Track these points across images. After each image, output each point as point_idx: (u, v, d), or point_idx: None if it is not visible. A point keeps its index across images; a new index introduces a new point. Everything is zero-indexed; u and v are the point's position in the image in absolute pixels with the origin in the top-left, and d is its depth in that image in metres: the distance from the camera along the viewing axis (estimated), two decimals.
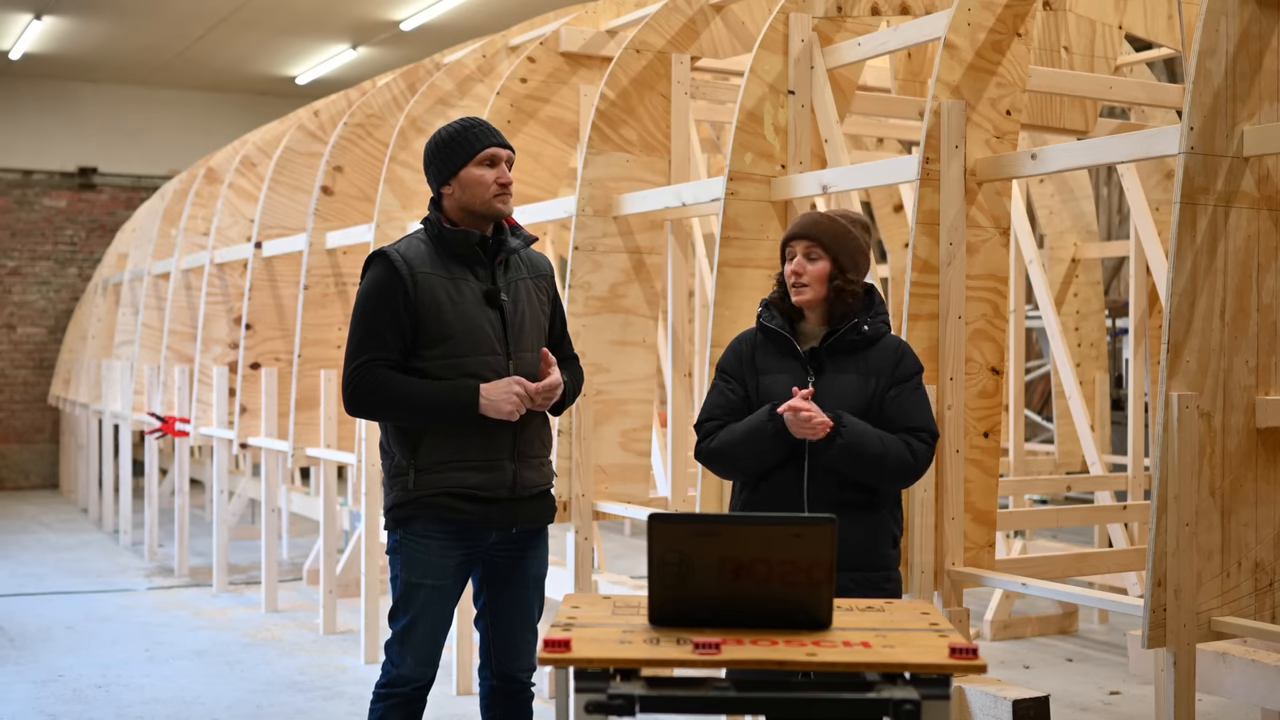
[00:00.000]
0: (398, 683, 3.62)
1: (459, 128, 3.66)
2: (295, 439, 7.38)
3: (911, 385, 3.47)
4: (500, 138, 3.67)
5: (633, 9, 6.55)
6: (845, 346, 3.47)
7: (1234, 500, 3.66)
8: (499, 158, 3.63)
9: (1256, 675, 4.00)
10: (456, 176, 3.62)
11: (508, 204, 3.65)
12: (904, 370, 3.48)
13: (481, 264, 3.64)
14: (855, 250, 3.50)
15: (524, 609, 3.71)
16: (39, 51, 14.71)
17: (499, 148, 3.64)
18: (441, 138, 3.65)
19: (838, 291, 3.46)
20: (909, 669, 2.55)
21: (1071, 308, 8.08)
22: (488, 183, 3.60)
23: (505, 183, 3.62)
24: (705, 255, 6.42)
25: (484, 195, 3.61)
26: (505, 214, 3.65)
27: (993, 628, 7.01)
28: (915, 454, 3.41)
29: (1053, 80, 5.16)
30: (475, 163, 3.61)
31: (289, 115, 10.48)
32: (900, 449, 3.40)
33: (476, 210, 3.62)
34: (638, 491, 5.62)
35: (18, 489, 15.77)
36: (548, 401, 3.61)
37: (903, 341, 3.55)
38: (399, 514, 3.60)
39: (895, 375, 3.46)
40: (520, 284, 3.69)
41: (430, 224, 3.65)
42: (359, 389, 3.53)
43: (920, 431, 3.44)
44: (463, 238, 3.60)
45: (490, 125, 3.69)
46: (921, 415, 3.46)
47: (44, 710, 5.81)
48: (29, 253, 16.12)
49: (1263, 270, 3.71)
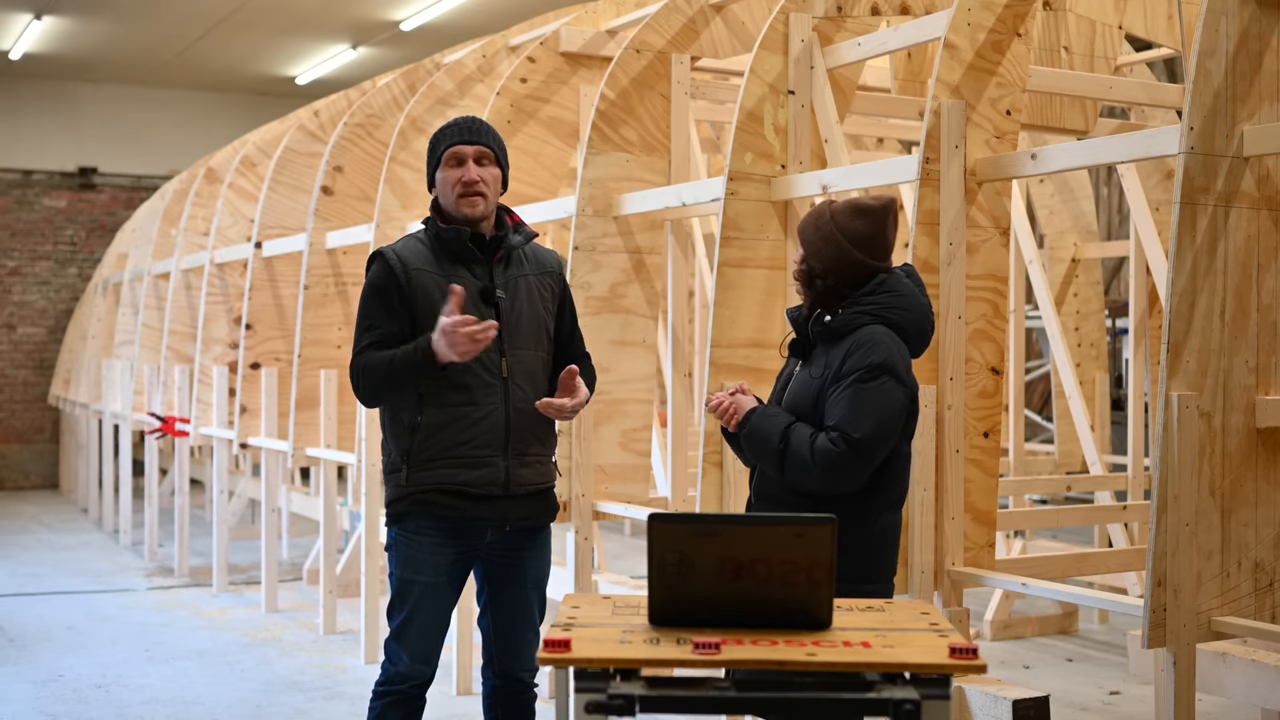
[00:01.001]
0: (395, 680, 3.63)
1: (439, 129, 3.69)
2: (295, 439, 7.38)
3: (846, 382, 3.31)
4: (468, 136, 3.61)
5: (633, 9, 6.55)
6: (820, 339, 3.45)
7: (1234, 500, 3.66)
8: (463, 156, 3.59)
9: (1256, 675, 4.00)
10: (434, 179, 3.67)
11: (475, 206, 3.59)
12: (849, 366, 3.32)
13: (478, 261, 3.63)
14: (816, 237, 3.44)
15: (523, 610, 3.70)
16: (39, 51, 14.71)
17: (464, 145, 3.59)
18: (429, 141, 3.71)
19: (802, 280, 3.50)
20: (909, 669, 2.55)
21: (1071, 308, 8.08)
22: (451, 183, 3.60)
23: (468, 181, 3.57)
24: (705, 255, 6.42)
25: (450, 197, 3.61)
26: (472, 217, 3.60)
27: (993, 628, 7.01)
28: (815, 453, 3.28)
29: (1053, 80, 5.16)
30: (443, 165, 3.62)
31: (289, 115, 10.48)
32: (802, 448, 3.30)
33: (450, 211, 3.63)
34: (638, 491, 5.62)
35: (18, 489, 15.77)
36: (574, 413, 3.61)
37: (872, 335, 3.36)
38: (393, 510, 3.63)
39: (840, 370, 3.34)
40: (520, 281, 3.67)
41: (429, 222, 3.67)
42: (355, 376, 3.59)
43: (834, 431, 3.29)
44: (455, 235, 3.60)
45: (467, 124, 3.64)
46: (840, 414, 3.29)
47: (44, 710, 5.81)
48: (29, 253, 16.12)
49: (1263, 270, 3.71)
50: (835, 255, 3.42)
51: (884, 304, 3.41)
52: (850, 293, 3.44)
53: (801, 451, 3.30)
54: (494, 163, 3.65)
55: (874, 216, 3.44)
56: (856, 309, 3.40)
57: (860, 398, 3.29)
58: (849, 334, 3.39)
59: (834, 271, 3.43)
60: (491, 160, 3.64)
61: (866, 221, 3.43)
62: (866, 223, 3.43)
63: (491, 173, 3.63)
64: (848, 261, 3.42)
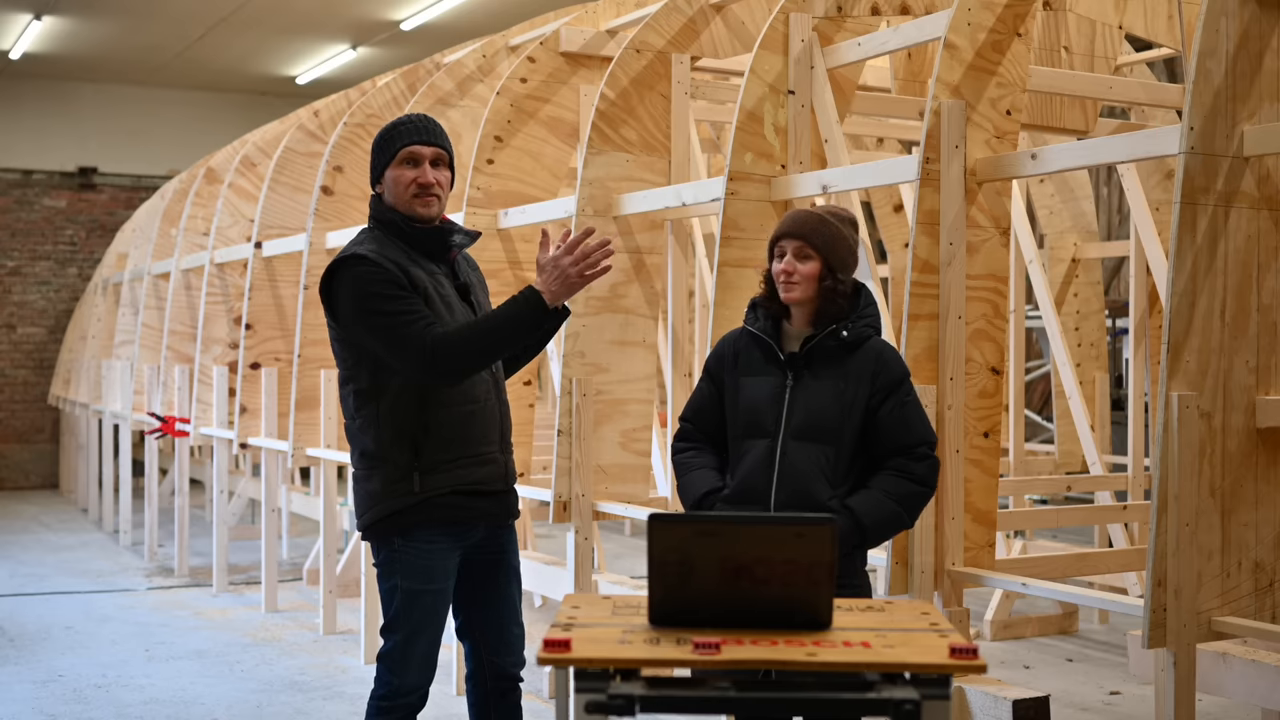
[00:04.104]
0: (400, 692, 3.51)
1: (389, 126, 3.58)
2: (295, 439, 7.38)
3: (902, 394, 3.39)
4: (426, 136, 3.54)
5: (633, 9, 6.55)
6: (824, 352, 3.41)
7: (1234, 500, 3.65)
8: (420, 156, 3.53)
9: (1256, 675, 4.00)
10: (382, 177, 3.57)
11: (430, 207, 3.53)
12: (888, 379, 3.38)
13: (445, 260, 3.60)
14: (846, 251, 3.44)
15: (511, 604, 3.68)
16: (39, 51, 14.72)
17: (421, 145, 3.53)
18: (376, 137, 3.60)
19: (828, 292, 3.41)
20: (909, 669, 2.55)
21: (1071, 308, 8.08)
22: (405, 183, 3.52)
23: (425, 183, 3.51)
24: (705, 255, 6.42)
25: (403, 196, 3.52)
26: (426, 217, 3.53)
27: (993, 628, 7.01)
28: (917, 478, 3.36)
29: (1053, 80, 5.16)
30: (395, 163, 3.54)
31: (289, 115, 10.47)
32: (907, 488, 3.35)
33: (400, 211, 3.53)
34: (638, 491, 5.62)
35: (18, 489, 15.77)
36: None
37: (887, 346, 3.45)
38: (401, 522, 3.48)
39: (878, 384, 3.37)
40: (475, 276, 3.69)
41: (391, 223, 3.54)
42: (441, 351, 3.37)
43: (918, 447, 3.38)
44: (434, 234, 3.54)
45: (423, 124, 3.57)
46: (918, 429, 3.39)
47: (44, 710, 5.81)
48: (29, 253, 16.12)
49: (1263, 270, 3.71)
50: (854, 268, 3.48)
51: (875, 315, 3.49)
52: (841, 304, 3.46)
53: (909, 491, 3.37)
54: (446, 165, 3.59)
55: (856, 228, 3.53)
56: (863, 322, 3.44)
57: (916, 409, 3.43)
58: (858, 345, 3.41)
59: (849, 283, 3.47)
60: (445, 163, 3.59)
61: (855, 233, 3.51)
62: (855, 234, 3.51)
63: (445, 175, 3.58)
64: (853, 271, 3.48)
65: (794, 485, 3.34)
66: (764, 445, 3.38)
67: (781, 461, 3.36)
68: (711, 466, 3.50)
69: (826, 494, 3.34)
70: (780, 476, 3.36)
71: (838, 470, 3.37)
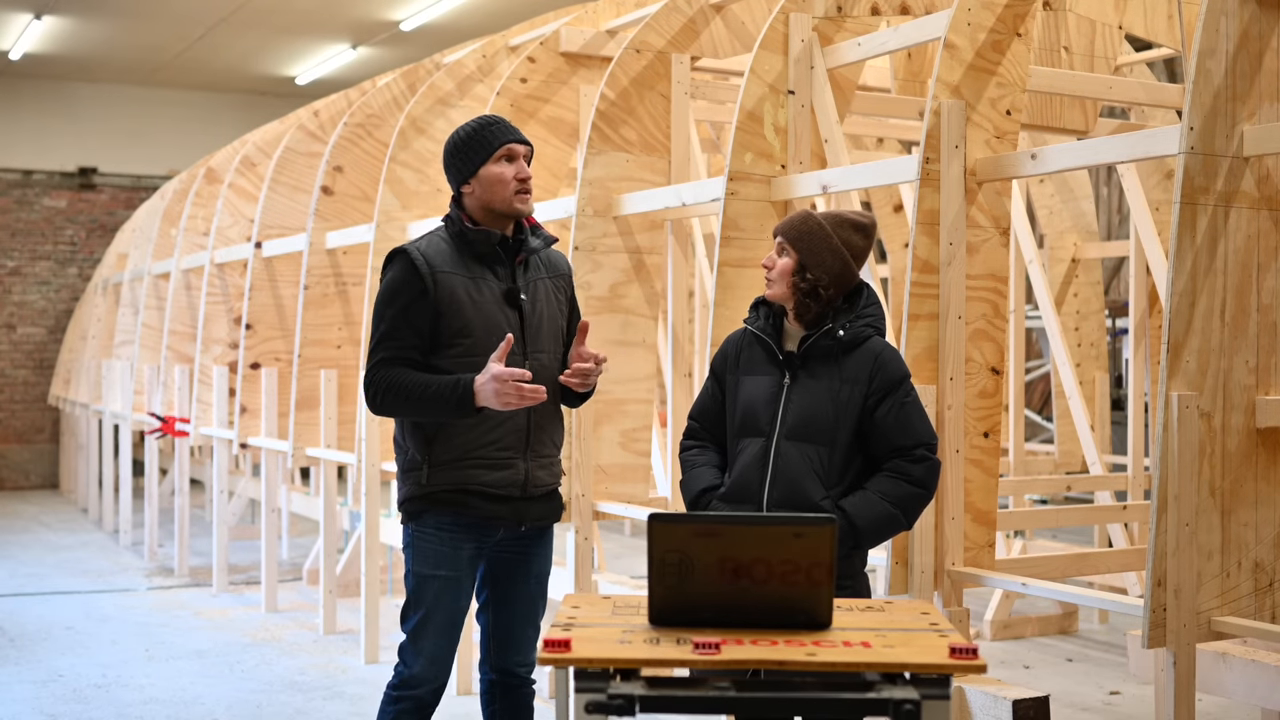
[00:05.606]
0: (411, 684, 3.59)
1: (477, 125, 3.64)
2: (295, 439, 7.38)
3: (901, 395, 3.38)
4: (518, 134, 3.65)
5: (633, 9, 6.55)
6: (821, 352, 3.41)
7: (1234, 500, 3.66)
8: (516, 153, 3.63)
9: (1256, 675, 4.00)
10: (476, 174, 3.61)
11: (527, 203, 3.63)
12: (886, 379, 3.38)
13: (502, 263, 3.63)
14: (826, 251, 3.42)
15: (528, 605, 3.71)
16: (39, 51, 14.72)
17: (516, 143, 3.63)
18: (461, 135, 3.64)
19: (802, 290, 3.42)
20: (909, 669, 2.55)
21: (1071, 308, 8.08)
22: (507, 179, 3.60)
23: (524, 178, 3.62)
24: (705, 255, 6.42)
25: (504, 193, 3.60)
26: (525, 213, 3.64)
27: (993, 628, 7.01)
28: (914, 480, 3.36)
29: (1053, 80, 5.16)
30: (494, 160, 3.60)
31: (289, 115, 10.48)
32: (903, 490, 3.34)
33: (497, 208, 3.61)
34: (638, 491, 5.62)
35: (18, 489, 15.77)
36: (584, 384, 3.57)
37: (886, 346, 3.44)
38: (411, 508, 3.60)
39: (876, 385, 3.37)
40: (539, 284, 3.69)
41: (451, 222, 3.64)
42: (372, 386, 3.55)
43: (916, 449, 3.37)
44: (485, 237, 3.59)
45: (508, 122, 3.68)
46: (917, 430, 3.38)
47: (44, 710, 5.81)
48: (29, 253, 16.12)
49: (1263, 270, 3.71)
50: (840, 269, 3.44)
51: (877, 315, 3.48)
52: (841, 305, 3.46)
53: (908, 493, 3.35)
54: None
55: (867, 232, 3.52)
56: (862, 322, 3.44)
57: (915, 410, 3.41)
58: (856, 345, 3.41)
59: (836, 284, 3.44)
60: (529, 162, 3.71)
61: (862, 236, 3.50)
62: (862, 238, 3.50)
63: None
64: (848, 275, 3.46)
65: (787, 485, 3.35)
66: (759, 444, 3.40)
67: (775, 461, 3.37)
68: (712, 465, 3.52)
69: (819, 494, 3.34)
70: (773, 476, 3.37)
71: (831, 470, 3.37)
